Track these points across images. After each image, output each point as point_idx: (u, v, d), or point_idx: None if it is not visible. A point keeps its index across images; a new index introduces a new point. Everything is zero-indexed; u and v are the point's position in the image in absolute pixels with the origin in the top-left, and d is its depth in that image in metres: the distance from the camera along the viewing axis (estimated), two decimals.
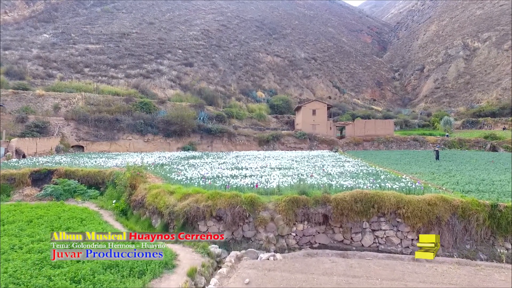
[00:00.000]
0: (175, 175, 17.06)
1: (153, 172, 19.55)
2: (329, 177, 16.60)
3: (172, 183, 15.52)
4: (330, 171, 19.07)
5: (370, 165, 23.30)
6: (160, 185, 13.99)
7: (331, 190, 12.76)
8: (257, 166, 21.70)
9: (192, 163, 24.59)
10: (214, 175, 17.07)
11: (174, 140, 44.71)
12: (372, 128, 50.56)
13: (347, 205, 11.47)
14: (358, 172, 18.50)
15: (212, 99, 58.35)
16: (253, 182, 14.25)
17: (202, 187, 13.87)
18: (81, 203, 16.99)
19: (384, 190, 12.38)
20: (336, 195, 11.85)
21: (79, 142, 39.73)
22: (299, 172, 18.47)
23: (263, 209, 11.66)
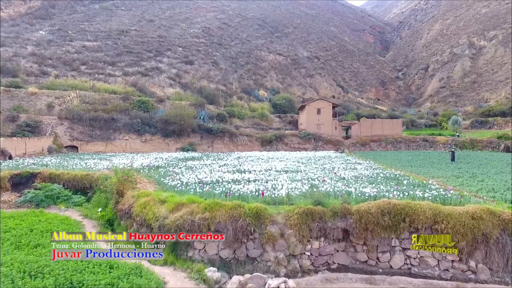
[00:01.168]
0: (169, 179, 15.15)
1: (146, 175, 17.67)
2: (344, 182, 14.68)
3: (165, 189, 13.62)
4: (343, 174, 17.14)
5: (384, 167, 21.32)
6: (150, 193, 12.06)
7: (351, 199, 10.82)
8: (261, 169, 19.77)
9: (190, 165, 22.68)
10: (214, 179, 15.15)
11: (173, 140, 42.78)
12: (379, 128, 48.53)
13: (372, 219, 9.54)
14: (374, 176, 16.56)
15: (213, 98, 56.38)
16: (258, 188, 12.32)
17: (199, 194, 11.96)
18: (63, 211, 15.12)
19: (415, 199, 10.43)
20: (358, 206, 9.91)
21: (73, 142, 37.85)
22: (308, 176, 16.55)
23: (271, 222, 9.73)
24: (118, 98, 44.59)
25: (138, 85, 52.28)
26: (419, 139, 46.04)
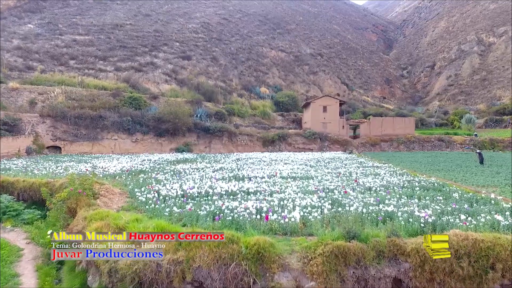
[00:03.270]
0: (145, 190, 11.66)
1: (122, 184, 14.19)
2: (372, 194, 11.18)
3: (135, 206, 10.14)
4: (366, 183, 13.62)
5: (411, 173, 17.77)
6: (107, 214, 8.51)
7: (398, 227, 7.27)
8: (263, 175, 16.25)
9: (180, 169, 19.20)
10: (202, 190, 11.65)
11: (167, 140, 39.32)
12: (390, 127, 44.93)
13: (442, 264, 5.99)
14: (407, 186, 13.02)
15: (211, 94, 52.74)
16: (261, 207, 8.81)
17: (176, 216, 8.50)
18: (8, 231, 11.71)
19: (497, 228, 6.92)
20: (416, 243, 6.37)
21: (55, 142, 34.41)
22: (323, 185, 13.04)
23: (280, 268, 6.20)
24: (107, 95, 41.09)
25: (131, 81, 48.74)
26: (434, 138, 42.48)
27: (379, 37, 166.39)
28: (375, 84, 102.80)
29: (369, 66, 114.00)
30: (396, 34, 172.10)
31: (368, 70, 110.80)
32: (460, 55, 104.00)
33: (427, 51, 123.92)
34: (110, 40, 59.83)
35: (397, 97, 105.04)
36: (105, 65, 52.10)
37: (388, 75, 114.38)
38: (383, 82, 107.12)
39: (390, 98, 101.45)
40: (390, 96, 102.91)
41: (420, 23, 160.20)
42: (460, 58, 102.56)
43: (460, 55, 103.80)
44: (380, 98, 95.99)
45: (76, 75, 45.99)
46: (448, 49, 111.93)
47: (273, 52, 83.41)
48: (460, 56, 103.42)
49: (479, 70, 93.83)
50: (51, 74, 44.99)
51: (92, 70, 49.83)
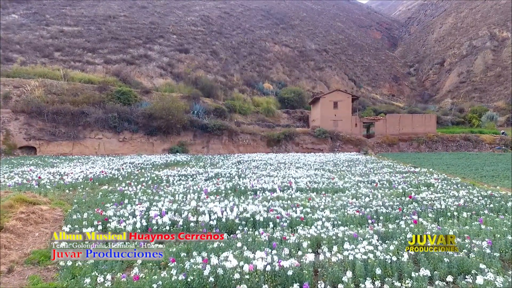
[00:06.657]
0: (91, 215, 7.17)
1: (71, 201, 9.76)
2: (452, 221, 6.70)
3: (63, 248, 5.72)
4: (424, 200, 9.10)
5: (467, 181, 13.23)
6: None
7: None
8: (273, 186, 11.71)
9: (162, 176, 14.75)
10: (180, 219, 7.17)
11: (159, 140, 34.85)
12: (409, 124, 40.31)
13: None
14: (484, 204, 8.50)
15: (210, 90, 48.20)
16: (282, 267, 4.30)
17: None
18: None
19: None
20: None
21: (29, 142, 29.95)
22: (365, 204, 8.55)
23: None
24: (93, 88, 36.62)
25: (122, 74, 44.27)
26: (460, 138, 37.90)
27: (384, 35, 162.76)
28: (383, 82, 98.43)
29: (376, 63, 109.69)
30: (401, 32, 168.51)
31: (375, 67, 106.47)
32: (471, 51, 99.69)
33: (435, 48, 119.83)
34: (101, 32, 55.41)
35: (406, 94, 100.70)
36: (94, 57, 47.65)
37: (396, 73, 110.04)
38: (390, 80, 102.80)
39: (399, 95, 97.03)
40: (399, 94, 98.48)
41: (426, 20, 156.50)
42: (472, 54, 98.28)
43: (471, 51, 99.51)
44: (389, 95, 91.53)
45: (60, 67, 41.53)
46: (458, 45, 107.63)
47: (276, 47, 78.89)
48: (471, 52, 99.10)
49: (493, 66, 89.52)
50: (32, 66, 40.57)
51: (79, 62, 45.38)
